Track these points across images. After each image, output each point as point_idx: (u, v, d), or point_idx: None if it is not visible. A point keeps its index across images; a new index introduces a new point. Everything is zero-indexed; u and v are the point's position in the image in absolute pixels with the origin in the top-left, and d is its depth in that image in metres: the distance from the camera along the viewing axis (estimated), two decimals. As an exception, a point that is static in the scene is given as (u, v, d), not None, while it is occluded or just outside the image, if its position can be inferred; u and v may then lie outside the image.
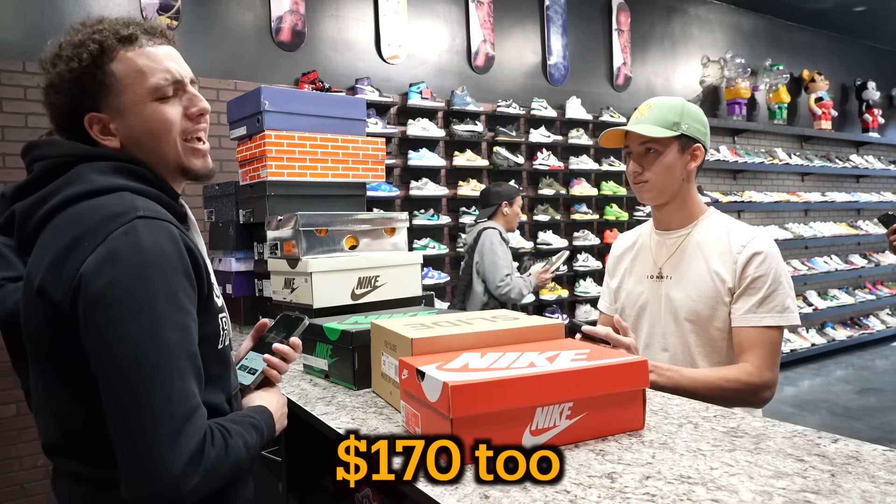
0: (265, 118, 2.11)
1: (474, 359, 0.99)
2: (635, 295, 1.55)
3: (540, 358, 0.98)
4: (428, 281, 4.02)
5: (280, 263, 1.88)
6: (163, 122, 0.93)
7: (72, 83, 0.89)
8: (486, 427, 0.86)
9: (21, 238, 0.90)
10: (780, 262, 1.40)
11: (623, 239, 1.68)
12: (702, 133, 1.45)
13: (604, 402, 0.95)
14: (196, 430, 0.80)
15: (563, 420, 0.91)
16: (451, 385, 0.84)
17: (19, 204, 0.89)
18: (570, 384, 0.91)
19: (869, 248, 7.32)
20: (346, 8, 4.00)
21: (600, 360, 0.97)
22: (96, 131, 0.92)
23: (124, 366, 0.78)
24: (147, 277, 0.80)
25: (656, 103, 1.45)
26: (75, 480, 0.88)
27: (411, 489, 0.84)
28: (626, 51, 5.34)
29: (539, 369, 0.91)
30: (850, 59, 7.45)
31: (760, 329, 1.36)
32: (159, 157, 0.95)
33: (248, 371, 1.11)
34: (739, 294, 1.39)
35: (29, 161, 0.92)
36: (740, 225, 1.46)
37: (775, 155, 6.28)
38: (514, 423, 0.88)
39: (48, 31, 3.02)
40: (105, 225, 0.81)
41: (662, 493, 0.77)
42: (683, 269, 1.46)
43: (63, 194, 0.86)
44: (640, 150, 1.45)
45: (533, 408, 0.89)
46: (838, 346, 6.36)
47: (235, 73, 3.54)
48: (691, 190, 1.49)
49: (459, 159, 4.23)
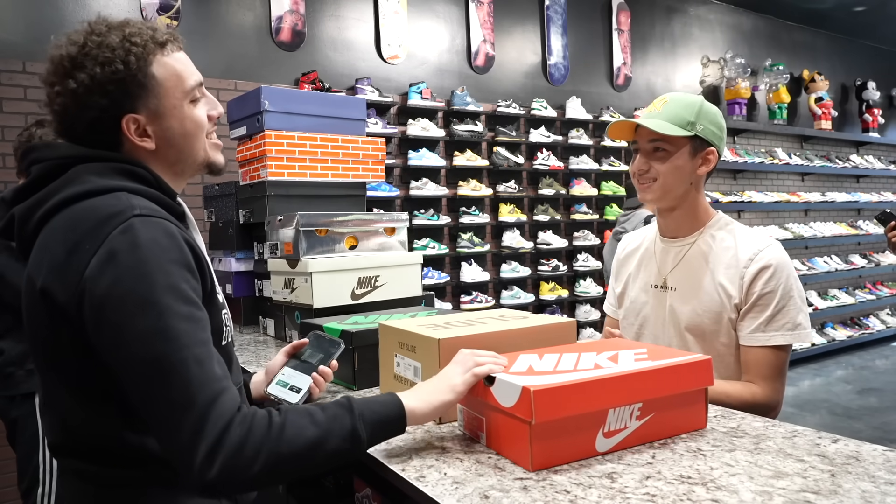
0: (265, 118, 2.11)
1: (535, 361, 0.98)
2: (639, 304, 1.49)
3: (602, 359, 0.97)
4: (428, 281, 4.02)
5: (280, 263, 1.88)
6: (197, 123, 0.98)
7: (115, 84, 0.89)
8: (562, 431, 0.86)
9: (21, 241, 0.90)
10: (790, 275, 1.31)
11: (627, 241, 1.62)
12: (717, 137, 1.36)
13: (671, 402, 0.94)
14: (223, 411, 0.78)
15: (633, 421, 0.91)
16: (534, 390, 0.82)
17: (18, 207, 0.89)
18: (641, 384, 0.91)
19: (869, 248, 7.31)
20: (346, 8, 4.00)
21: (665, 359, 0.96)
22: (133, 132, 0.93)
23: (140, 362, 0.78)
24: (147, 273, 0.80)
25: (673, 98, 1.36)
26: (80, 478, 0.89)
27: (411, 489, 0.84)
28: (626, 51, 5.34)
29: (610, 370, 0.91)
30: (850, 59, 7.45)
31: (769, 349, 1.29)
32: (190, 154, 0.98)
33: (289, 388, 1.12)
34: (746, 311, 1.31)
35: (27, 164, 0.92)
36: (749, 234, 1.37)
37: (775, 155, 6.28)
38: (589, 425, 0.88)
39: (48, 31, 3.02)
40: (103, 226, 0.82)
41: (662, 493, 0.77)
42: (688, 280, 1.38)
43: (60, 195, 0.86)
44: (648, 147, 1.36)
45: (606, 410, 0.88)
46: (838, 346, 6.36)
47: (235, 73, 3.55)
48: (699, 196, 1.41)
49: (459, 159, 4.23)
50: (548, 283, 4.67)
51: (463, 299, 4.27)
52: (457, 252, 4.26)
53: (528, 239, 4.60)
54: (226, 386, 0.80)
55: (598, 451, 0.89)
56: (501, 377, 0.89)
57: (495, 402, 0.89)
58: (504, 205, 4.47)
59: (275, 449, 0.78)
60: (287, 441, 0.79)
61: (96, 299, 0.79)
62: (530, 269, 4.60)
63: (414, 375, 1.12)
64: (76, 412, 0.87)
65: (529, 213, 4.66)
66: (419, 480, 0.84)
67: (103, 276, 0.79)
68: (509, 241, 4.45)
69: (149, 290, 0.79)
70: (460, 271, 4.28)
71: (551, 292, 4.64)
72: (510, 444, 0.89)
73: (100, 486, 0.87)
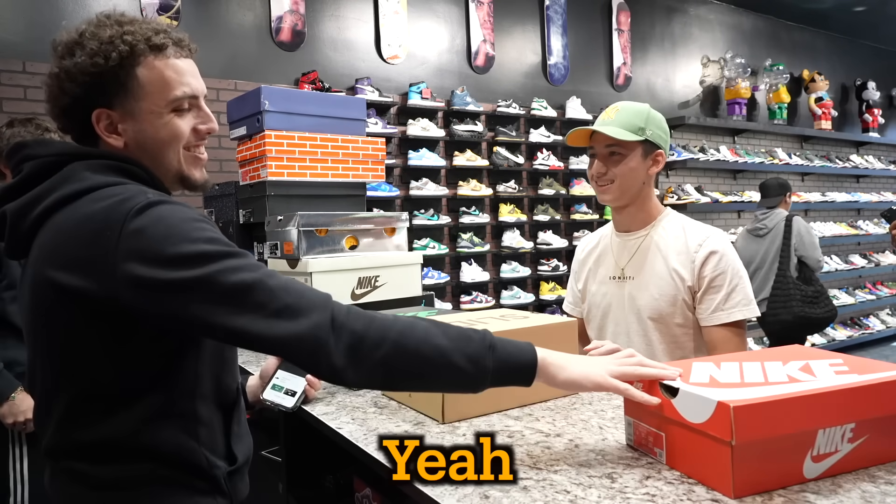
0: (265, 118, 2.11)
1: (714, 371, 0.89)
2: (600, 296, 1.61)
3: (792, 370, 0.87)
4: (428, 281, 4.02)
5: (280, 263, 1.88)
6: (173, 133, 0.94)
7: (92, 77, 0.88)
8: (766, 454, 0.75)
9: (14, 240, 0.88)
10: (735, 258, 1.47)
11: (586, 242, 1.75)
12: (664, 140, 1.52)
13: (887, 423, 0.82)
14: (338, 302, 0.81)
15: (844, 444, 0.80)
16: (734, 406, 0.73)
17: (10, 205, 0.87)
18: (853, 402, 0.79)
19: (869, 248, 7.31)
20: (346, 8, 4.00)
21: (873, 373, 0.84)
22: (102, 127, 0.91)
23: (228, 295, 0.78)
24: (184, 232, 0.80)
25: (623, 107, 1.51)
26: (77, 481, 0.88)
27: (411, 489, 0.84)
28: (626, 51, 5.34)
29: (813, 385, 0.80)
30: (850, 59, 7.45)
31: (730, 325, 1.44)
32: (160, 163, 0.95)
33: (283, 391, 1.11)
34: (703, 293, 1.45)
35: (17, 161, 0.90)
36: (696, 224, 1.53)
37: (775, 155, 6.28)
38: (796, 448, 0.77)
39: (48, 31, 3.02)
40: (116, 212, 0.80)
41: (662, 493, 0.77)
42: (644, 269, 1.52)
43: (58, 193, 0.85)
44: (604, 151, 1.50)
45: (815, 431, 0.78)
46: (838, 346, 6.35)
47: (235, 73, 3.54)
48: (650, 193, 1.56)
49: (459, 159, 4.23)
50: (548, 283, 4.67)
51: (463, 299, 4.27)
52: (457, 252, 4.26)
53: (528, 239, 4.60)
54: (308, 288, 0.83)
55: (805, 478, 0.78)
56: (687, 389, 0.80)
57: (679, 418, 0.81)
58: (504, 205, 4.47)
59: (400, 340, 0.79)
60: (415, 338, 0.80)
61: (141, 277, 0.77)
62: (530, 269, 4.60)
63: None
64: (82, 412, 0.85)
65: (529, 213, 4.66)
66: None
67: (138, 254, 0.78)
68: (509, 241, 4.45)
69: (192, 246, 0.79)
70: (460, 271, 4.28)
71: (551, 292, 4.64)
72: (703, 466, 0.79)
73: (99, 489, 0.86)
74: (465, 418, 1.08)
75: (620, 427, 1.00)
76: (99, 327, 0.82)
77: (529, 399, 1.15)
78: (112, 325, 0.82)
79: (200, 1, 3.47)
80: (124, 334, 0.83)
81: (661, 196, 5.37)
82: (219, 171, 3.29)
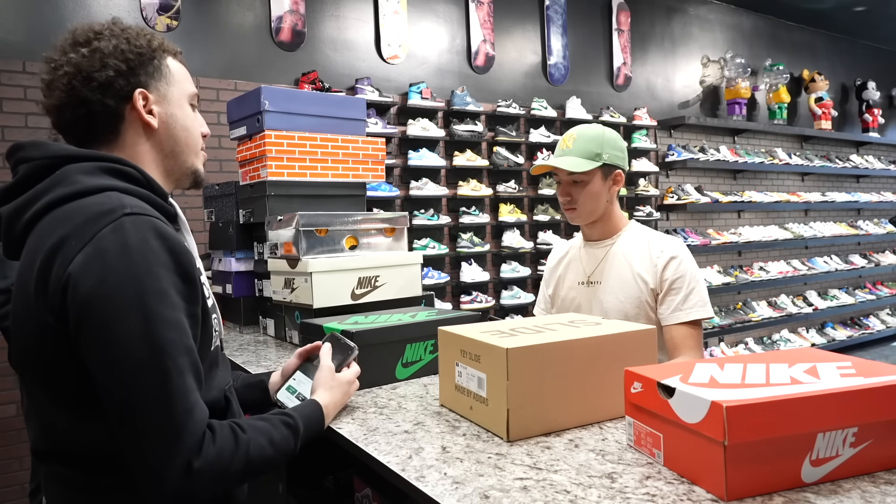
0: (265, 118, 2.11)
1: (717, 372, 0.88)
2: (569, 300, 1.73)
3: (797, 372, 0.86)
4: (428, 281, 4.02)
5: (280, 263, 1.88)
6: (196, 124, 1.05)
7: (135, 56, 0.95)
8: (761, 456, 0.75)
9: (8, 243, 0.88)
10: (693, 264, 1.60)
11: (556, 251, 1.88)
12: (621, 159, 1.62)
13: (893, 428, 0.81)
14: (198, 425, 0.80)
15: (846, 448, 0.78)
16: (726, 405, 0.72)
17: (5, 207, 0.88)
18: (856, 405, 0.78)
19: (869, 248, 7.31)
20: (346, 8, 4.00)
21: (879, 376, 0.83)
22: (142, 106, 0.96)
23: (120, 367, 0.77)
24: (136, 276, 0.79)
25: (580, 134, 1.60)
26: (64, 485, 0.87)
27: (411, 489, 0.84)
28: (626, 51, 5.34)
29: (814, 387, 0.79)
30: (850, 59, 7.45)
31: (688, 324, 1.55)
32: (185, 150, 1.02)
33: (296, 395, 1.11)
34: (664, 295, 1.57)
35: (14, 163, 0.90)
36: (657, 234, 1.67)
37: (775, 155, 6.28)
38: (794, 451, 0.76)
39: (48, 31, 3.02)
40: (92, 224, 0.80)
41: (662, 493, 0.77)
42: (611, 275, 1.64)
43: (49, 196, 0.85)
44: (567, 179, 1.62)
45: (814, 434, 0.77)
46: (838, 346, 6.35)
47: (235, 73, 3.54)
48: (615, 208, 1.70)
49: (459, 159, 4.23)
50: (548, 283, 4.66)
51: (463, 299, 4.27)
52: (457, 252, 4.26)
53: (528, 239, 4.60)
54: (197, 399, 0.82)
55: (804, 482, 0.77)
56: (683, 388, 0.80)
57: (675, 417, 0.80)
58: (504, 205, 4.47)
59: (240, 467, 0.84)
60: (251, 460, 0.86)
61: (80, 297, 0.78)
62: (530, 269, 4.60)
63: (478, 387, 1.03)
64: (60, 418, 0.85)
65: (529, 213, 4.66)
66: (419, 480, 0.84)
67: (89, 275, 0.78)
68: (509, 241, 4.45)
69: (136, 295, 0.78)
70: (460, 271, 4.29)
71: (551, 292, 4.64)
72: (697, 466, 0.79)
73: (84, 492, 0.86)
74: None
75: (620, 427, 1.01)
76: (60, 331, 0.82)
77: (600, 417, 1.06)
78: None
79: (200, 1, 3.47)
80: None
81: (661, 196, 5.37)
82: (219, 171, 3.28)
